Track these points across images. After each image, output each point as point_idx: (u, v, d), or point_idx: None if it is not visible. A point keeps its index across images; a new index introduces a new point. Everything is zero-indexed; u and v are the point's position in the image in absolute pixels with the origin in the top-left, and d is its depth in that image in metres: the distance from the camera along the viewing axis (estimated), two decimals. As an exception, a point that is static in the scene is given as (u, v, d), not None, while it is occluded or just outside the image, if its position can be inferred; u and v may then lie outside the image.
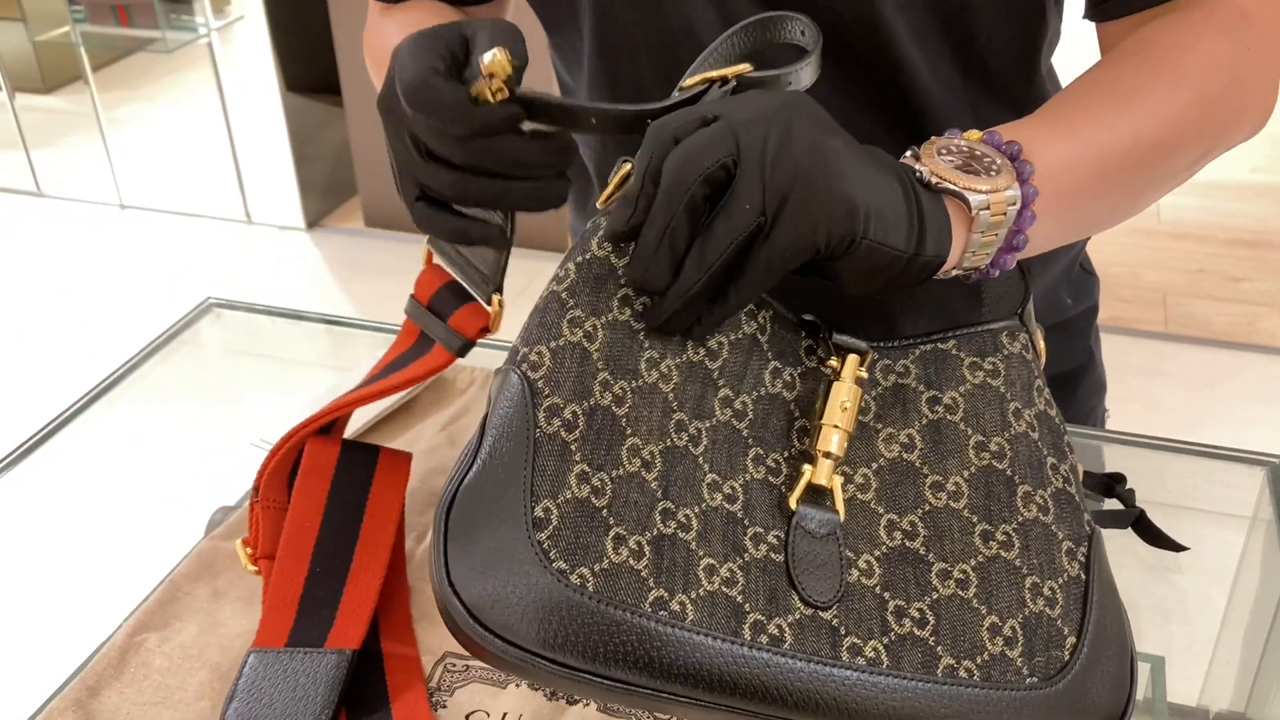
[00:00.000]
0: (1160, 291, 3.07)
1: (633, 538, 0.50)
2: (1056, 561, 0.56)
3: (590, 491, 0.50)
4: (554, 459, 0.50)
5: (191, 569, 0.70)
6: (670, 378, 0.54)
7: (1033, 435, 0.58)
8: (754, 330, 0.57)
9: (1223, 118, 0.67)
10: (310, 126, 3.49)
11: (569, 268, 0.54)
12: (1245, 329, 2.92)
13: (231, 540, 0.72)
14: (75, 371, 2.78)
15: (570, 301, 0.54)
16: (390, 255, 3.36)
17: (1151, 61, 0.65)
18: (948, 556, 0.55)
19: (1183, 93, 0.65)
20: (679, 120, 0.52)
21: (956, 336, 0.61)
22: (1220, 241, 3.33)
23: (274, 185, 3.48)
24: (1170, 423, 2.55)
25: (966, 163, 0.56)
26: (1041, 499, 0.57)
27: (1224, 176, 3.68)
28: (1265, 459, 0.85)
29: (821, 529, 0.54)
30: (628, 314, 0.54)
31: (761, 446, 0.56)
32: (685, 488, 0.53)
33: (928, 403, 0.59)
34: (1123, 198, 0.66)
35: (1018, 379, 0.60)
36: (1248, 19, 0.67)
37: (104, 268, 3.34)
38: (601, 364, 0.53)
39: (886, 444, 0.58)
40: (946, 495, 0.57)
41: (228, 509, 0.83)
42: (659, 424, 0.53)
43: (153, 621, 0.66)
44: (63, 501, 0.98)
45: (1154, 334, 2.87)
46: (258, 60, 3.29)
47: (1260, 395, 2.67)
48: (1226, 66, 0.66)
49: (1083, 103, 0.64)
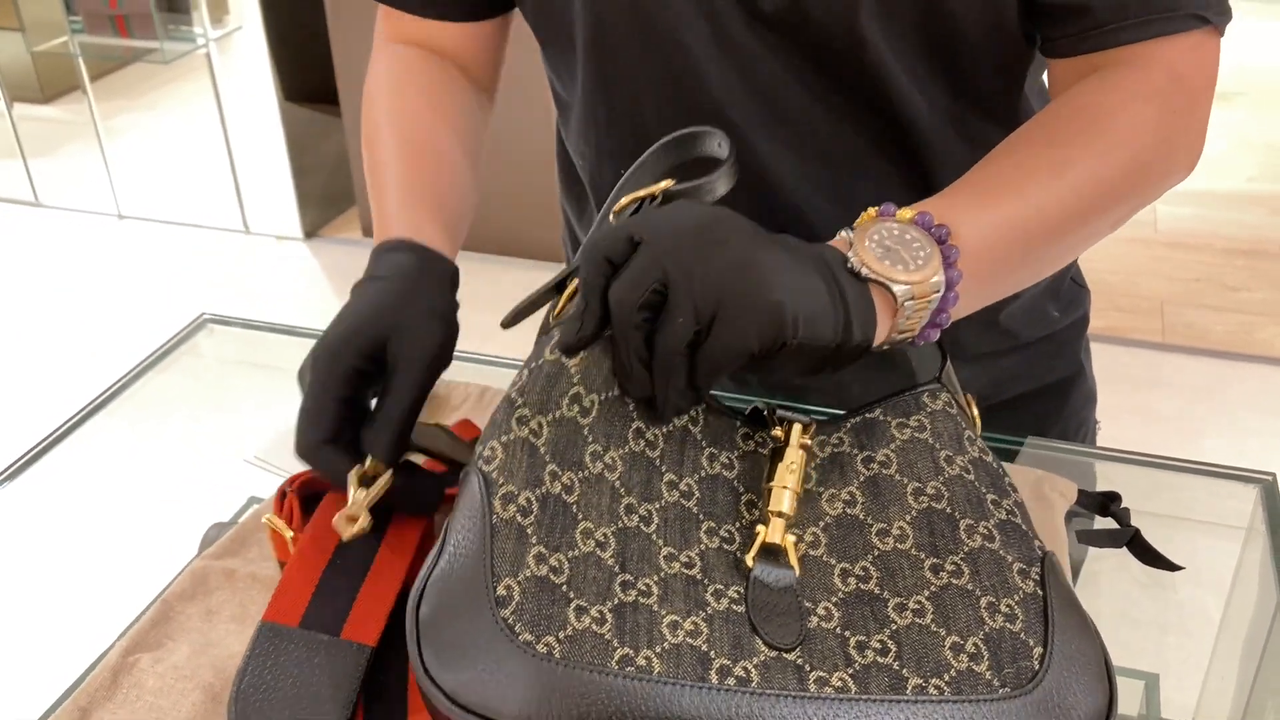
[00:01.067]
0: (1157, 301, 3.07)
1: (594, 608, 0.53)
2: (1010, 581, 0.57)
3: (549, 570, 0.53)
4: (512, 541, 0.53)
5: (184, 588, 0.70)
6: (615, 467, 0.58)
7: (968, 477, 0.61)
8: (685, 422, 0.61)
9: (1150, 179, 0.70)
10: (308, 136, 3.50)
11: (523, 373, 0.58)
12: (1243, 338, 2.92)
13: (224, 560, 0.72)
14: (74, 382, 2.77)
15: (519, 400, 0.57)
16: (388, 265, 3.35)
17: (1085, 127, 0.68)
18: (901, 591, 0.57)
19: (1112, 159, 0.67)
20: (607, 241, 0.57)
21: (882, 405, 0.64)
22: (1217, 251, 3.34)
23: (272, 195, 3.48)
24: (1168, 433, 2.55)
25: (894, 249, 0.60)
26: (985, 529, 0.59)
27: (1220, 186, 3.68)
28: (1258, 477, 0.85)
29: (780, 582, 0.57)
30: (575, 411, 0.58)
31: (713, 520, 0.59)
32: (642, 560, 0.56)
33: (863, 462, 0.62)
34: (1045, 264, 0.71)
35: (944, 431, 0.63)
36: (1178, 82, 0.68)
37: (102, 278, 3.34)
38: (549, 456, 0.56)
39: (830, 503, 0.61)
40: (893, 539, 0.59)
41: (222, 525, 0.83)
42: (609, 508, 0.56)
43: (145, 642, 0.66)
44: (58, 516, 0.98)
45: (1151, 344, 2.87)
46: (256, 70, 3.30)
47: (1259, 405, 2.67)
48: (1155, 131, 0.68)
49: (1012, 173, 0.67)
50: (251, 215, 3.55)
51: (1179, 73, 0.69)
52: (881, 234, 0.60)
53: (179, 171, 3.82)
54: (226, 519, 0.87)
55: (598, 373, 0.58)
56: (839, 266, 0.59)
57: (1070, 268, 0.93)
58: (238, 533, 0.75)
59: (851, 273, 0.59)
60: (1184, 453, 1.24)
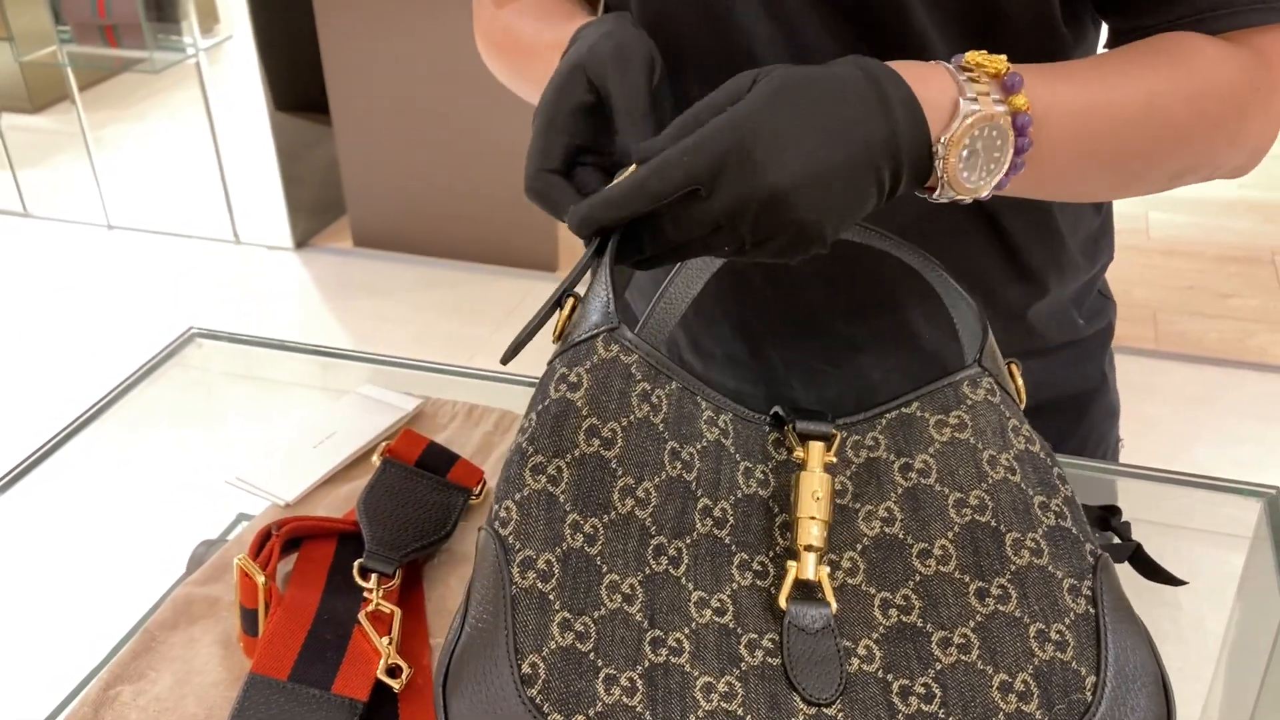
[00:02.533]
0: (1151, 308, 3.07)
1: (624, 675, 0.51)
2: (1060, 602, 0.55)
3: (575, 638, 0.51)
4: (534, 613, 0.51)
5: (166, 617, 0.68)
6: (648, 502, 0.55)
7: (1013, 479, 0.58)
8: (716, 435, 0.58)
9: (1221, 145, 0.69)
10: (298, 146, 3.48)
11: (530, 418, 0.55)
12: (1236, 345, 2.92)
13: (208, 586, 0.71)
14: (62, 395, 2.76)
15: (530, 449, 0.54)
16: (378, 274, 3.35)
17: (1180, 69, 0.67)
18: (945, 624, 0.55)
19: (1196, 109, 0.67)
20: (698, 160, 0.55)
21: (919, 397, 0.60)
22: (1209, 258, 3.34)
23: (262, 205, 3.47)
24: (1163, 440, 2.54)
25: (979, 153, 0.58)
26: (1033, 542, 0.56)
27: (1212, 193, 3.68)
28: (1261, 490, 0.84)
29: (815, 624, 0.55)
30: (596, 445, 0.55)
31: (746, 551, 0.57)
32: (672, 611, 0.54)
33: (900, 471, 0.59)
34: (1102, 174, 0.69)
35: (987, 426, 0.59)
36: (1266, 63, 0.69)
37: (91, 288, 3.32)
38: (569, 505, 0.54)
39: (867, 522, 0.58)
40: (935, 561, 0.57)
41: (210, 543, 0.82)
42: (635, 554, 0.54)
43: (126, 673, 0.64)
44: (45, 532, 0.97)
45: (1145, 351, 2.87)
46: (246, 79, 3.29)
47: (1253, 412, 2.67)
48: (1239, 96, 0.68)
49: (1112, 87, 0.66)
50: (242, 225, 3.53)
51: (1267, 56, 0.69)
52: (982, 133, 0.58)
53: (169, 181, 3.80)
54: (215, 536, 0.86)
55: (607, 398, 0.55)
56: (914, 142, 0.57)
57: (1097, 279, 0.93)
58: (221, 558, 0.74)
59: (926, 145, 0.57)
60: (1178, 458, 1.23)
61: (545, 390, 0.55)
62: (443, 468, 0.79)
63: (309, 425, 0.88)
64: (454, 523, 0.75)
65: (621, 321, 0.57)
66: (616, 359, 0.56)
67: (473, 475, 0.79)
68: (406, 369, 1.00)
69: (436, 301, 3.19)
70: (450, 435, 0.87)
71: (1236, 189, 3.73)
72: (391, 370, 1.00)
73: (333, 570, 0.69)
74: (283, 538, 0.69)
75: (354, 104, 3.24)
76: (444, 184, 3.27)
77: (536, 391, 0.56)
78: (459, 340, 2.96)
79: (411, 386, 0.94)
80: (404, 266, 3.38)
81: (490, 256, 3.33)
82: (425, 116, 3.15)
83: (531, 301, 3.13)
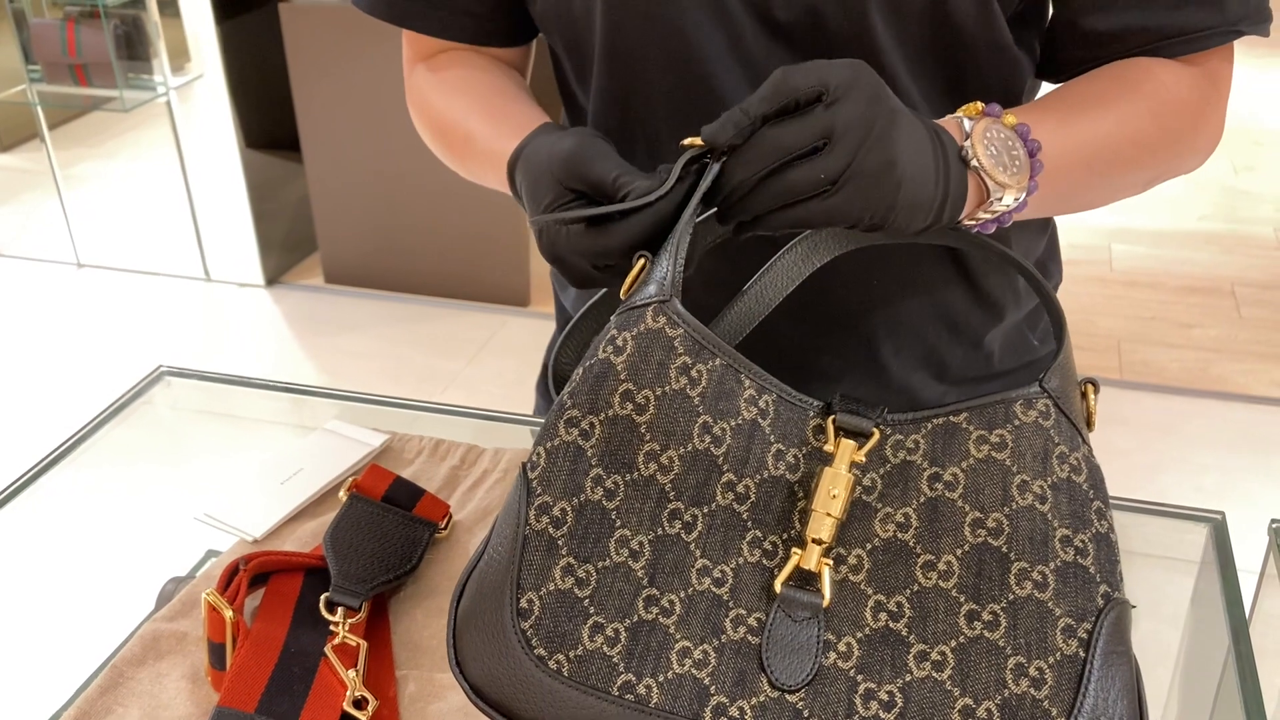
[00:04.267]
0: (1114, 339, 3.11)
1: (610, 625, 0.55)
2: (1049, 640, 0.54)
3: (574, 583, 0.55)
4: (540, 554, 0.55)
5: (134, 653, 0.69)
6: (670, 469, 0.57)
7: (1040, 508, 0.57)
8: (754, 415, 0.59)
9: (1182, 152, 0.79)
10: (270, 183, 3.49)
11: (577, 373, 0.58)
12: (1198, 375, 2.96)
13: (176, 622, 0.72)
14: (31, 434, 2.74)
15: (569, 402, 0.57)
16: (350, 311, 3.35)
17: (1142, 93, 0.75)
18: (928, 638, 0.56)
19: (1161, 126, 0.75)
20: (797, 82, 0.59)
21: (970, 409, 0.59)
22: (1171, 289, 3.39)
23: (233, 242, 3.46)
24: (1127, 469, 2.57)
25: (1000, 152, 0.65)
26: (1040, 575, 0.56)
27: (1173, 225, 3.74)
28: (1208, 516, 0.86)
29: (804, 613, 0.56)
30: (629, 409, 0.57)
31: (760, 529, 0.58)
32: (673, 574, 0.56)
33: (928, 480, 0.59)
34: (1089, 194, 0.77)
35: (1028, 450, 0.58)
36: (1211, 80, 0.77)
37: (61, 327, 3.30)
38: (595, 460, 0.57)
39: (883, 524, 0.58)
40: (937, 575, 0.57)
41: (179, 580, 0.82)
42: (651, 514, 0.57)
43: (94, 710, 0.65)
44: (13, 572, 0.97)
45: (1109, 381, 2.90)
46: (217, 117, 3.29)
47: (1215, 440, 2.70)
48: (1193, 111, 0.77)
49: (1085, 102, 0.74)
50: (212, 262, 3.53)
51: (1210, 73, 0.76)
52: (993, 133, 0.65)
53: (139, 219, 3.79)
54: (184, 573, 0.87)
55: (645, 366, 0.57)
56: (953, 152, 0.63)
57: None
58: (189, 594, 0.74)
59: (961, 159, 0.63)
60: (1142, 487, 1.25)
61: (595, 348, 0.58)
62: (409, 502, 0.80)
63: (277, 461, 0.89)
64: (420, 556, 0.76)
65: (674, 295, 0.58)
66: (662, 330, 0.57)
67: (438, 509, 0.80)
68: (374, 405, 1.01)
69: (409, 337, 3.19)
70: (417, 470, 0.88)
71: (1196, 221, 3.80)
72: (359, 406, 1.01)
73: (300, 604, 0.70)
74: (250, 572, 0.70)
75: (325, 141, 3.26)
76: (415, 219, 3.28)
77: (590, 346, 0.59)
78: (432, 375, 2.96)
79: (379, 422, 0.95)
80: (376, 302, 3.38)
81: (462, 291, 3.34)
82: (396, 152, 3.17)
83: (504, 335, 3.13)
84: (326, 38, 3.09)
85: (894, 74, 0.75)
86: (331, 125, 3.22)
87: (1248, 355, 3.04)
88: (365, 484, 0.79)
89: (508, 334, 3.14)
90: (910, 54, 0.75)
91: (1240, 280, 3.43)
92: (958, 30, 0.74)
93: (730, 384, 0.58)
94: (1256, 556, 0.88)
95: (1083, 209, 0.80)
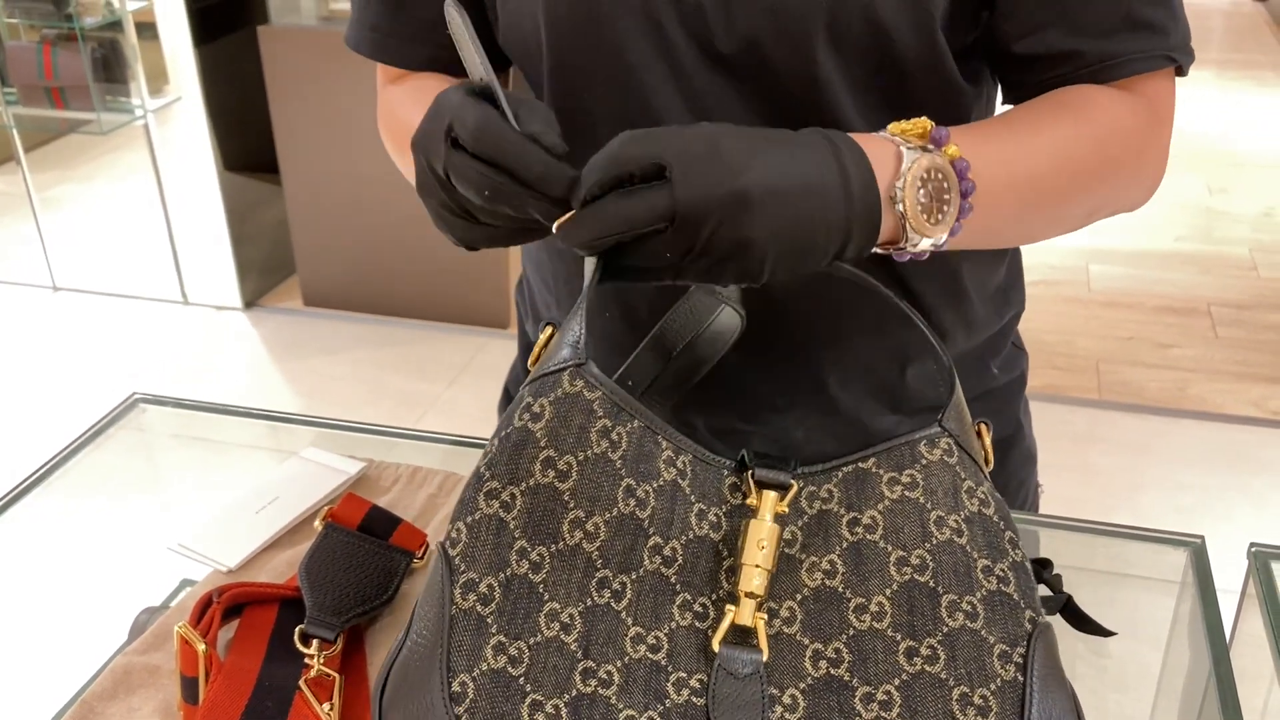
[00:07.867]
0: (1093, 359, 3.13)
1: (550, 702, 0.53)
2: (988, 668, 0.55)
3: (507, 661, 0.53)
4: (470, 634, 0.53)
5: (105, 687, 0.68)
6: (597, 536, 0.56)
7: (959, 541, 0.58)
8: (674, 475, 0.59)
9: (1121, 176, 0.77)
10: (248, 205, 3.48)
11: (492, 444, 0.57)
12: (1176, 394, 2.97)
13: (148, 655, 0.71)
14: (7, 458, 2.71)
15: (487, 474, 0.56)
16: (328, 334, 3.33)
17: (1082, 119, 0.73)
18: (871, 679, 0.56)
19: (1102, 154, 0.74)
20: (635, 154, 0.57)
21: (877, 454, 0.61)
22: (1149, 309, 3.41)
23: (211, 265, 3.45)
24: (1106, 489, 2.58)
25: (932, 200, 0.62)
26: (969, 605, 0.57)
27: (1150, 246, 3.77)
28: (1188, 540, 0.86)
29: (745, 669, 0.56)
30: (551, 476, 0.56)
31: (689, 591, 0.58)
32: (607, 644, 0.55)
33: (848, 525, 0.60)
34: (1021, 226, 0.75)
35: (938, 487, 0.60)
36: (1151, 106, 0.75)
37: (37, 351, 3.28)
38: (519, 532, 0.55)
39: (809, 573, 0.59)
40: (870, 616, 0.57)
41: (153, 610, 0.81)
42: (579, 585, 0.55)
43: (64, 744, 0.64)
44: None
45: (1088, 401, 2.92)
46: (195, 140, 3.29)
47: (1193, 459, 2.72)
48: (1131, 132, 0.75)
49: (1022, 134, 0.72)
50: (190, 286, 3.51)
51: (1149, 97, 0.75)
52: (930, 173, 0.62)
53: (116, 242, 3.78)
54: (158, 603, 0.86)
55: (566, 432, 0.56)
56: (862, 184, 0.59)
57: (1010, 332, 0.95)
58: (162, 626, 0.73)
59: (889, 196, 0.60)
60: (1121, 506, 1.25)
61: (510, 417, 0.57)
62: (385, 531, 0.79)
63: (252, 490, 0.88)
64: (396, 586, 0.75)
65: (589, 358, 0.58)
66: (580, 394, 0.57)
67: (416, 538, 0.80)
68: (351, 431, 1.00)
69: (388, 360, 3.18)
70: (394, 498, 0.87)
71: (1173, 242, 3.83)
72: (336, 433, 1.00)
73: (274, 636, 0.69)
74: (224, 604, 0.69)
75: (303, 163, 3.25)
76: (395, 241, 3.28)
77: (504, 416, 0.57)
78: (411, 398, 2.95)
79: (357, 449, 0.94)
80: (355, 325, 3.37)
81: (441, 314, 3.34)
82: (375, 175, 3.17)
83: (484, 358, 3.13)
84: (305, 61, 3.09)
85: (838, 105, 0.75)
86: (310, 148, 3.21)
87: (1224, 375, 3.07)
88: (341, 513, 0.79)
89: (487, 356, 3.13)
90: (854, 86, 0.75)
91: (1216, 300, 3.46)
92: (901, 62, 0.74)
93: (649, 445, 0.59)
94: (1235, 575, 0.89)
95: (1016, 244, 0.79)
